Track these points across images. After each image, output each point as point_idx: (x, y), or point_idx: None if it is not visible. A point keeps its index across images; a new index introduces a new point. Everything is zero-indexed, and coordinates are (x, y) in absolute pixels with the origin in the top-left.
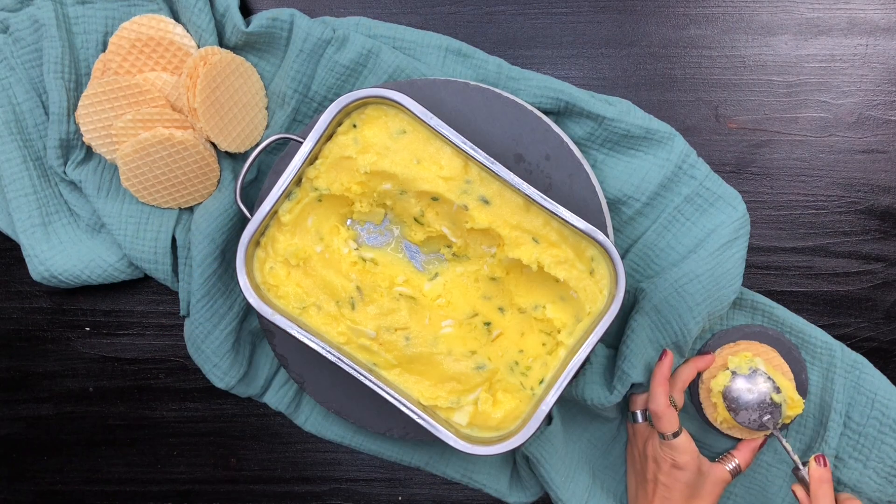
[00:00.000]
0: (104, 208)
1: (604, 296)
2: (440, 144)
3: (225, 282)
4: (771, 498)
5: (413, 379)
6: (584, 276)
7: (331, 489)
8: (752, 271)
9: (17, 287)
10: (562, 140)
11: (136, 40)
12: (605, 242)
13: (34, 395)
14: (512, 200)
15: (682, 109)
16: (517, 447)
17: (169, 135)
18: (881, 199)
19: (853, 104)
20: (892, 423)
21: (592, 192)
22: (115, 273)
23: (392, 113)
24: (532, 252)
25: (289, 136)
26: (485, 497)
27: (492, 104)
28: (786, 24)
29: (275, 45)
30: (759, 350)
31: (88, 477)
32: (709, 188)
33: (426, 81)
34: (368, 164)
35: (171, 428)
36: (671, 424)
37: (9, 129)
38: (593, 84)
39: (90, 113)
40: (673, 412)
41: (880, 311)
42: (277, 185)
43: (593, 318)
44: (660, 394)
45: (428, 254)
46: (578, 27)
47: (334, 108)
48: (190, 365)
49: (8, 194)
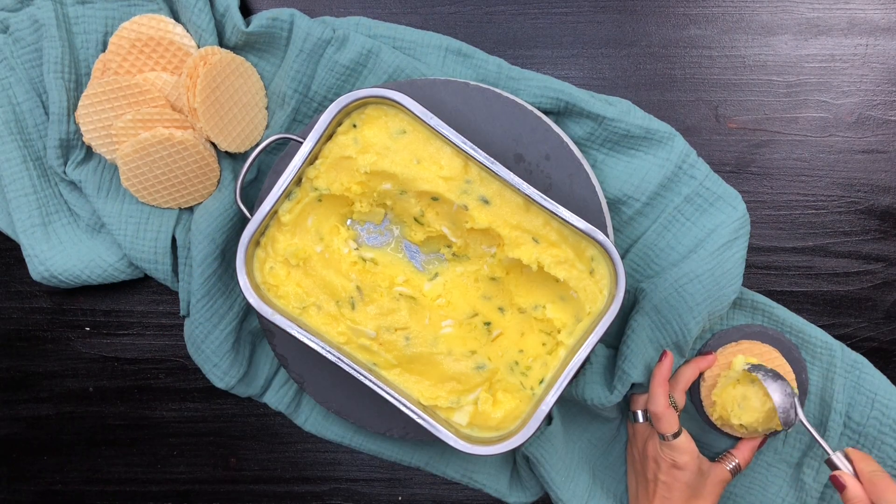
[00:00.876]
0: (104, 208)
1: (604, 296)
2: (440, 144)
3: (225, 282)
4: (771, 498)
5: (413, 379)
6: (584, 276)
7: (331, 489)
8: (752, 271)
9: (17, 287)
10: (562, 140)
11: (136, 40)
12: (605, 242)
13: (34, 395)
14: (512, 200)
15: (682, 109)
16: (517, 447)
17: (169, 135)
18: (881, 199)
19: (853, 104)
20: (892, 423)
21: (592, 192)
22: (115, 273)
23: (392, 113)
24: (532, 252)
25: (289, 136)
26: (485, 497)
27: (492, 104)
28: (786, 24)
29: (275, 45)
30: (762, 350)
31: (88, 477)
32: (709, 188)
33: (426, 81)
34: (368, 164)
35: (171, 428)
36: (671, 425)
37: (9, 129)
38: (593, 84)
39: (90, 113)
40: (673, 413)
41: (880, 311)
42: (277, 185)
43: (593, 318)
44: (660, 394)
45: (428, 254)
46: (578, 27)
47: (334, 108)
48: (190, 365)
49: (8, 194)
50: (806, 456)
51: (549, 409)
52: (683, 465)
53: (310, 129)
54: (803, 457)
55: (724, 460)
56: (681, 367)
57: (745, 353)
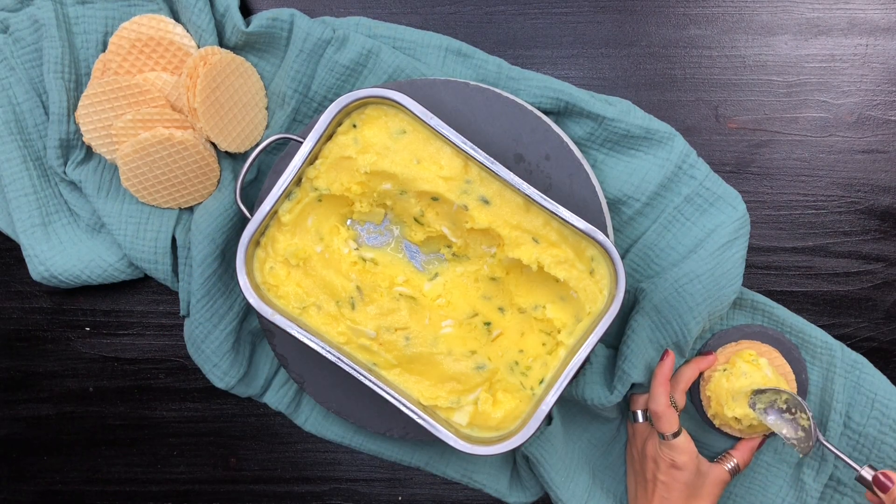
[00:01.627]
0: (104, 208)
1: (604, 296)
2: (440, 144)
3: (225, 282)
4: (771, 498)
5: (413, 379)
6: (584, 276)
7: (331, 489)
8: (752, 271)
9: (17, 287)
10: (562, 140)
11: (136, 40)
12: (605, 242)
13: (34, 395)
14: (512, 200)
15: (682, 109)
16: (517, 447)
17: (169, 135)
18: (881, 199)
19: (853, 104)
20: (892, 423)
21: (592, 192)
22: (115, 273)
23: (392, 113)
24: (532, 252)
25: (289, 136)
26: (485, 497)
27: (492, 104)
28: (786, 24)
29: (275, 45)
30: (762, 350)
31: (88, 477)
32: (709, 188)
33: (426, 81)
34: (368, 164)
35: (171, 428)
36: (671, 425)
37: (9, 129)
38: (593, 84)
39: (90, 113)
40: (673, 412)
41: (880, 311)
42: (277, 185)
43: (593, 318)
44: (661, 394)
45: (428, 254)
46: (578, 27)
47: (334, 108)
48: (190, 365)
49: (8, 194)
50: (806, 457)
51: (549, 409)
52: (682, 465)
53: (310, 129)
54: (804, 458)
55: (722, 461)
56: (681, 367)
57: (749, 351)
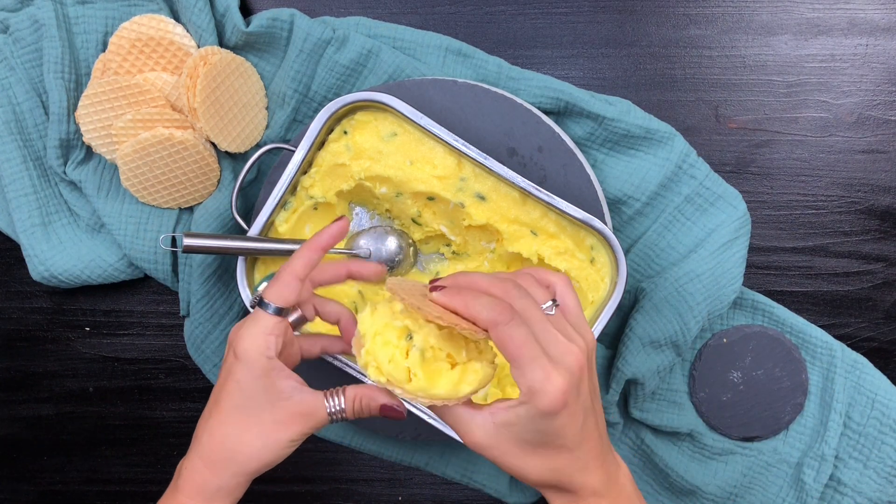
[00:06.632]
0: (104, 208)
1: (605, 284)
2: (432, 144)
3: (225, 282)
4: (771, 498)
5: None
6: (584, 266)
7: (331, 489)
8: (752, 271)
9: (17, 287)
10: (553, 131)
11: (136, 40)
12: (603, 229)
13: (34, 395)
14: (508, 195)
15: (682, 109)
16: None
17: (169, 135)
18: (881, 199)
19: (853, 104)
20: (892, 423)
21: (587, 181)
22: (115, 273)
23: (382, 116)
24: (531, 245)
25: (281, 145)
26: (485, 497)
27: (481, 100)
28: (786, 24)
29: (275, 45)
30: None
31: (88, 477)
32: (709, 188)
33: (413, 82)
34: (363, 170)
35: (171, 428)
36: (281, 295)
37: (9, 129)
38: (593, 84)
39: (90, 113)
40: (295, 284)
41: (880, 311)
42: (271, 196)
43: (596, 307)
44: (300, 257)
45: (428, 253)
46: (578, 27)
47: (323, 115)
48: (190, 365)
49: (8, 194)
50: (806, 456)
51: None
52: (241, 355)
53: (300, 138)
54: (803, 457)
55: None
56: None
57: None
